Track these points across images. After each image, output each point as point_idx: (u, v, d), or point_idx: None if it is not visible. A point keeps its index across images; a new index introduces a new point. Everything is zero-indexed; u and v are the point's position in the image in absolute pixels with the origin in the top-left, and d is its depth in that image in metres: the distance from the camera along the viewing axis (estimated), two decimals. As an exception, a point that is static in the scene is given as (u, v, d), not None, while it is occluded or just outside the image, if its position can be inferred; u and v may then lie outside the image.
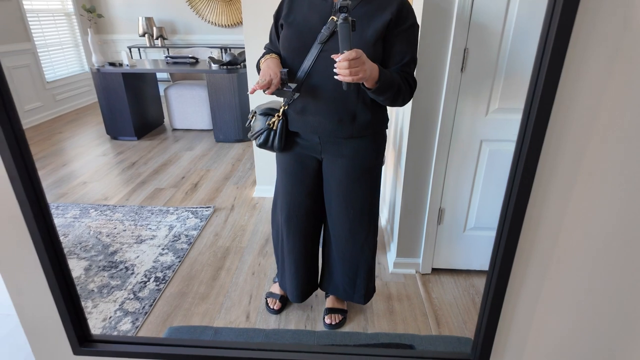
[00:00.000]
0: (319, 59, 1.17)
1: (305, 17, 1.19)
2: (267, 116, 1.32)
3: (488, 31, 1.46)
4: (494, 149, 1.66)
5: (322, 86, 1.20)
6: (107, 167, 3.25)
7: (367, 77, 1.03)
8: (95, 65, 3.62)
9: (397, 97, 1.15)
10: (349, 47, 0.98)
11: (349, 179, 1.33)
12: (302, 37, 1.18)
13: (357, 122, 1.24)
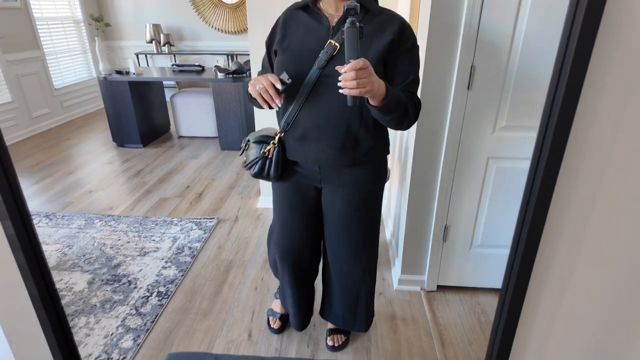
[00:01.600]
0: (317, 84, 1.11)
1: (301, 41, 1.13)
2: (261, 144, 1.24)
3: (495, 48, 1.43)
4: (501, 167, 1.63)
5: (322, 112, 1.13)
6: (112, 175, 3.27)
7: (374, 90, 0.94)
8: (103, 74, 3.64)
9: (404, 117, 1.08)
10: (357, 55, 0.89)
11: (351, 208, 1.28)
12: (299, 62, 1.11)
13: (360, 148, 1.18)
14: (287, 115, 1.17)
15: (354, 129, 1.15)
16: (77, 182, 3.13)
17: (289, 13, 1.19)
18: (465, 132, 1.58)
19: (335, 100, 1.09)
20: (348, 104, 0.94)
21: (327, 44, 1.09)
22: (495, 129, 1.57)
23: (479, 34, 1.41)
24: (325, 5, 1.14)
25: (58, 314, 0.79)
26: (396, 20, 1.10)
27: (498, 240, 1.78)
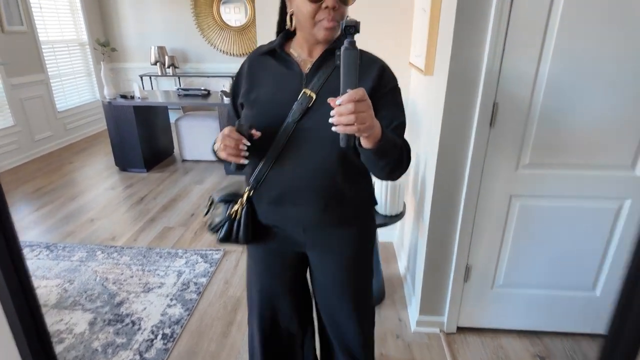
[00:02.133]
0: (292, 139, 0.96)
1: (271, 92, 0.98)
2: (228, 203, 1.05)
3: (518, 85, 1.38)
4: (525, 205, 1.56)
5: (301, 170, 0.97)
6: (115, 201, 3.19)
7: (374, 127, 0.78)
8: (107, 98, 3.61)
9: (399, 163, 0.93)
10: (355, 84, 0.73)
11: (344, 272, 1.12)
12: (270, 118, 0.96)
13: (347, 204, 1.03)
14: (256, 172, 1.00)
15: (338, 183, 0.99)
16: (79, 210, 3.06)
17: (253, 59, 1.04)
18: (487, 169, 1.52)
19: (316, 154, 0.96)
20: (341, 144, 0.79)
21: (301, 94, 0.95)
22: (518, 166, 1.51)
23: (501, 71, 1.37)
24: (296, 49, 1.01)
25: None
26: (375, 64, 1.00)
27: (521, 279, 1.69)
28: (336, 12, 0.88)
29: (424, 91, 1.79)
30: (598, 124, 1.40)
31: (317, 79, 0.95)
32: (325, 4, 0.86)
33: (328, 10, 0.87)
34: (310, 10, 0.88)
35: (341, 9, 0.89)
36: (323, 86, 0.95)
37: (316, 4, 0.87)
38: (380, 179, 0.99)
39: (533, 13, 1.28)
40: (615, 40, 1.29)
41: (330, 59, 0.96)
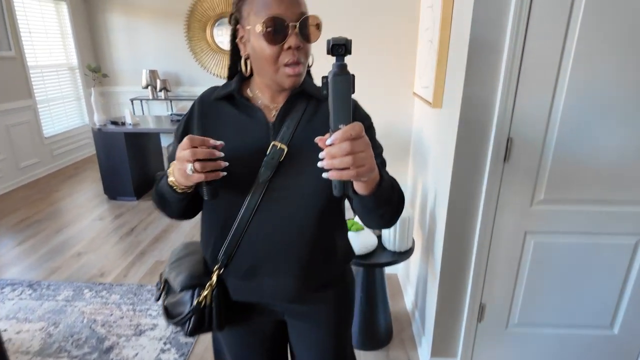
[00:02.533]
0: (264, 202, 0.82)
1: (233, 148, 0.80)
2: (192, 289, 0.86)
3: (533, 121, 1.34)
4: (540, 242, 1.50)
5: (275, 236, 0.83)
6: (104, 233, 3.05)
7: (374, 169, 0.65)
8: (97, 125, 3.50)
9: (398, 207, 0.80)
10: (349, 117, 0.59)
11: (327, 338, 0.99)
12: (236, 179, 0.80)
13: (327, 266, 0.91)
14: (226, 244, 0.85)
15: (319, 245, 0.87)
16: (65, 243, 2.91)
17: (206, 104, 0.86)
18: (501, 205, 1.46)
19: (293, 216, 0.83)
20: (335, 193, 0.64)
21: (270, 147, 0.81)
22: (532, 202, 1.45)
23: (515, 106, 1.33)
24: (257, 93, 0.86)
25: None
26: None
27: (537, 318, 1.62)
28: (300, 52, 0.76)
29: (431, 122, 1.75)
30: (613, 159, 1.36)
31: (287, 127, 0.82)
32: (287, 44, 0.74)
33: (291, 51, 0.75)
34: (271, 54, 0.75)
35: (305, 47, 0.78)
36: (294, 136, 0.82)
37: (277, 45, 0.74)
38: (370, 228, 0.86)
39: (546, 50, 1.25)
40: (630, 76, 1.26)
41: (298, 102, 0.85)
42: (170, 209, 0.86)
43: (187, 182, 0.73)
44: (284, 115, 0.84)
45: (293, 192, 0.81)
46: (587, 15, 1.20)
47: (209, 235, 0.89)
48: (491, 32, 1.25)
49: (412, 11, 1.89)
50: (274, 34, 0.73)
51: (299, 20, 0.74)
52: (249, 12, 0.76)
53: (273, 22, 0.73)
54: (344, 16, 1.92)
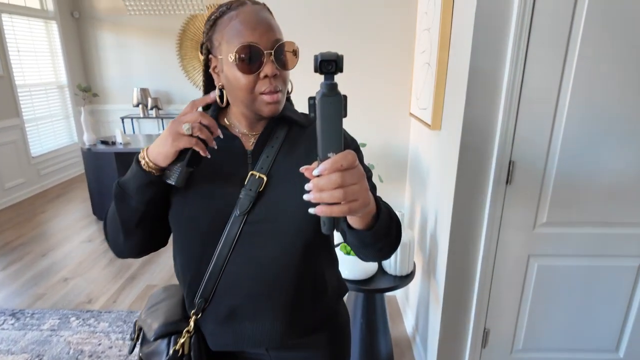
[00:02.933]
0: (242, 237, 0.75)
1: (208, 178, 0.76)
2: (168, 337, 0.79)
3: (534, 144, 1.33)
4: (543, 265, 1.48)
5: (256, 274, 0.76)
6: (92, 257, 2.95)
7: (369, 203, 0.56)
8: (87, 144, 3.44)
9: (397, 238, 0.73)
10: (340, 144, 0.51)
11: None
12: (211, 212, 0.75)
13: (316, 307, 0.83)
14: (202, 287, 0.77)
15: (306, 283, 0.79)
16: (51, 267, 2.80)
17: None
18: (504, 228, 1.44)
19: (274, 252, 0.75)
20: (324, 230, 0.55)
21: (248, 177, 0.76)
22: (535, 224, 1.44)
23: (516, 129, 1.32)
24: (234, 119, 0.80)
25: None
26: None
27: (541, 343, 1.58)
28: (277, 80, 0.72)
29: (429, 144, 1.74)
30: (615, 181, 1.36)
31: (266, 155, 0.77)
32: (262, 73, 0.70)
33: (268, 79, 0.71)
34: (246, 83, 0.71)
35: (283, 74, 0.73)
36: (274, 165, 0.77)
37: (252, 75, 0.70)
38: (366, 261, 0.78)
39: (546, 74, 1.25)
40: (629, 97, 1.27)
41: (278, 129, 0.80)
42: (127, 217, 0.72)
43: (170, 147, 0.66)
44: (263, 142, 0.79)
45: (275, 226, 0.75)
46: (585, 40, 1.21)
47: (183, 275, 0.81)
48: (491, 59, 1.25)
49: (408, 33, 1.91)
50: (249, 63, 0.69)
51: (274, 48, 0.70)
52: (220, 41, 0.72)
53: (246, 50, 0.69)
54: (337, 34, 1.92)
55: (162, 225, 0.79)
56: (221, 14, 0.73)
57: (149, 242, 0.79)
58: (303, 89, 0.84)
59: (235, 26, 0.70)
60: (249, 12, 0.71)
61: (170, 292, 0.91)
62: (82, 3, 4.94)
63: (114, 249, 0.80)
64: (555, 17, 1.20)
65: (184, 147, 0.66)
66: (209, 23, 0.75)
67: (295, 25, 1.90)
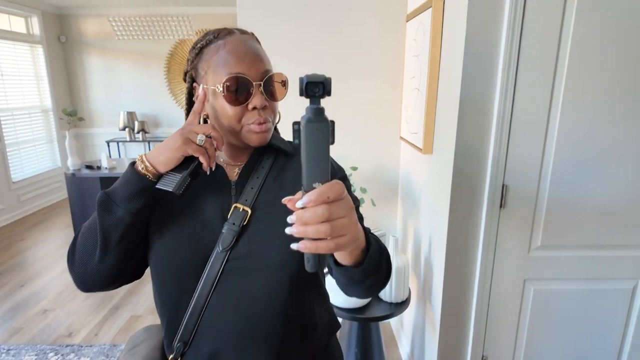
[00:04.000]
0: (225, 274, 0.70)
1: (188, 211, 0.72)
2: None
3: (526, 168, 1.34)
4: (539, 289, 1.47)
5: (240, 314, 0.71)
6: (73, 286, 2.83)
7: (358, 238, 0.51)
8: (71, 169, 3.35)
9: (387, 273, 0.69)
10: (327, 174, 0.47)
11: None
12: (191, 248, 0.70)
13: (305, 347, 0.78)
14: (181, 329, 0.72)
15: (295, 323, 0.74)
16: (29, 298, 2.67)
17: None
18: (500, 253, 1.43)
19: (259, 290, 0.71)
20: (307, 268, 0.49)
21: (231, 210, 0.72)
22: (530, 248, 1.43)
23: (508, 153, 1.33)
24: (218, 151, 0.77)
25: None
26: None
27: (540, 369, 1.55)
28: (266, 111, 0.71)
29: (421, 168, 1.74)
30: (607, 204, 1.37)
31: (250, 187, 0.74)
32: (251, 104, 0.68)
33: (256, 111, 0.69)
34: (234, 114, 0.69)
35: (271, 106, 0.72)
36: (259, 196, 0.74)
37: (240, 106, 0.68)
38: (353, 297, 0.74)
39: (536, 100, 1.28)
40: (617, 121, 1.30)
41: (263, 158, 0.77)
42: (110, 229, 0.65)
43: (177, 151, 0.64)
44: (247, 173, 0.75)
45: (259, 262, 0.70)
46: (572, 67, 1.24)
47: (162, 315, 0.75)
48: (481, 86, 1.27)
49: (397, 58, 1.94)
50: (236, 94, 0.67)
51: (263, 79, 0.69)
52: (206, 70, 0.70)
53: (234, 81, 0.67)
54: (326, 58, 1.94)
55: (139, 252, 0.73)
56: (208, 42, 0.71)
57: (123, 269, 0.71)
58: (288, 113, 0.82)
59: (222, 56, 0.68)
60: (237, 41, 0.70)
61: (150, 332, 0.85)
62: (69, 28, 4.94)
63: (81, 277, 0.69)
64: (542, 45, 1.23)
65: (192, 154, 0.64)
66: (195, 51, 0.73)
67: (283, 51, 1.91)
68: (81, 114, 5.15)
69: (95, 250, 0.67)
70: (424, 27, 1.57)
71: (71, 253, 0.70)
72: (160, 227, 0.71)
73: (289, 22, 1.89)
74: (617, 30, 1.21)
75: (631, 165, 1.33)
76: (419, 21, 1.63)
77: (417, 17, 1.66)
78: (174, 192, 0.64)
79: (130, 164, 0.67)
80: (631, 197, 1.36)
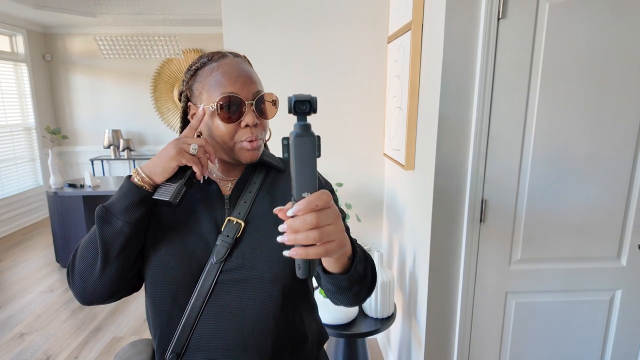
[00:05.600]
0: (218, 286, 0.72)
1: (182, 225, 0.74)
2: None
3: (504, 183, 1.39)
4: (521, 302, 1.50)
5: (234, 325, 0.72)
6: (53, 308, 2.75)
7: (345, 244, 0.54)
8: (53, 187, 3.30)
9: (373, 281, 0.72)
10: (314, 184, 0.51)
11: None
12: (186, 260, 0.72)
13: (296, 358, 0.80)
14: (174, 341, 0.74)
15: (286, 333, 0.76)
16: (6, 322, 2.57)
17: None
18: (481, 267, 1.46)
19: (253, 301, 0.73)
20: (299, 275, 0.53)
21: (225, 223, 0.74)
22: (510, 261, 1.46)
23: (486, 169, 1.38)
24: (211, 166, 0.82)
25: None
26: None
27: (525, 383, 1.57)
28: (257, 129, 0.75)
29: (404, 184, 1.78)
30: (582, 217, 1.42)
31: (243, 201, 0.77)
32: (243, 122, 0.72)
33: (248, 129, 0.73)
34: (227, 132, 0.73)
35: (263, 123, 0.76)
36: (251, 210, 0.77)
37: (233, 124, 0.72)
38: (341, 305, 0.76)
39: (511, 117, 1.33)
40: (587, 138, 1.36)
41: (255, 173, 0.82)
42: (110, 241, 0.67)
43: (172, 161, 0.67)
44: (240, 187, 0.79)
45: (252, 274, 0.73)
46: (544, 87, 1.31)
47: (154, 327, 0.76)
48: (458, 105, 1.32)
49: (379, 78, 2.00)
50: (229, 112, 0.71)
51: (254, 99, 0.73)
52: (201, 90, 0.75)
53: (228, 100, 0.71)
54: (312, 79, 1.98)
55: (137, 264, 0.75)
56: (202, 64, 0.76)
57: (122, 281, 0.72)
58: (277, 131, 0.85)
59: (216, 77, 0.73)
60: (230, 64, 0.74)
61: (137, 348, 0.85)
62: (54, 46, 4.93)
63: (81, 291, 0.70)
64: (515, 66, 1.29)
65: (186, 163, 0.67)
66: (190, 73, 0.78)
67: (268, 73, 1.96)
68: (65, 132, 5.09)
69: (96, 264, 0.68)
70: (404, 49, 1.63)
71: (71, 268, 0.72)
72: (155, 241, 0.73)
73: (274, 45, 1.94)
74: (585, 50, 1.29)
75: (603, 179, 1.39)
76: (400, 43, 1.70)
77: (398, 39, 1.73)
78: (171, 201, 0.67)
79: (127, 177, 0.69)
80: (604, 210, 1.42)
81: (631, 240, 1.45)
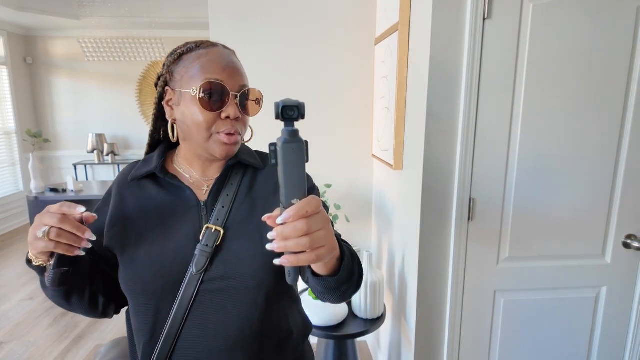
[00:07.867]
0: (199, 297, 0.69)
1: (158, 237, 0.71)
2: None
3: (491, 180, 1.40)
4: (509, 300, 1.51)
5: (216, 334, 0.70)
6: (33, 316, 2.66)
7: (335, 249, 0.53)
8: (34, 192, 3.21)
9: (359, 279, 0.69)
10: (303, 190, 0.50)
11: None
12: (164, 274, 0.69)
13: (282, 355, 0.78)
14: (157, 351, 0.71)
15: (271, 334, 0.74)
16: (-17, 331, 2.48)
17: (123, 188, 0.75)
18: (470, 265, 1.47)
19: (236, 309, 0.71)
20: (289, 281, 0.53)
21: (203, 231, 0.71)
22: (499, 260, 1.47)
23: (474, 168, 1.39)
24: (182, 165, 0.77)
25: None
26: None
27: (514, 381, 1.57)
28: (239, 123, 0.71)
29: (392, 184, 1.78)
30: (568, 215, 1.44)
31: (221, 205, 0.73)
32: (224, 113, 0.69)
33: (229, 121, 0.69)
34: (205, 120, 0.68)
35: (244, 119, 0.72)
36: (230, 215, 0.73)
37: (214, 113, 0.69)
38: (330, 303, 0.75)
39: (497, 116, 1.35)
40: (571, 136, 1.38)
41: (232, 174, 0.77)
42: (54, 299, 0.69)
43: (32, 250, 0.59)
44: (217, 191, 0.74)
45: (234, 282, 0.69)
46: (529, 85, 1.33)
47: (137, 339, 0.74)
48: (446, 104, 1.33)
49: (367, 79, 2.01)
50: (211, 99, 0.68)
51: (240, 91, 0.70)
52: (183, 75, 0.71)
53: (211, 86, 0.67)
54: (298, 80, 1.98)
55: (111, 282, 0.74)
56: (189, 50, 0.73)
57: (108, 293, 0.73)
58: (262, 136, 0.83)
59: (203, 62, 0.70)
60: (221, 53, 0.72)
61: (121, 347, 0.84)
62: (36, 49, 4.83)
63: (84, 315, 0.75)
64: (501, 66, 1.31)
65: (43, 251, 0.58)
66: (173, 56, 0.74)
67: (255, 75, 1.95)
68: (47, 136, 4.98)
69: (65, 304, 0.70)
70: (391, 50, 1.64)
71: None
72: (132, 255, 0.70)
73: (262, 47, 1.93)
74: (569, 50, 1.31)
75: (587, 178, 1.42)
76: (387, 44, 1.71)
77: (385, 40, 1.74)
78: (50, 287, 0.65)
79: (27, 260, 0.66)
80: (589, 208, 1.44)
81: (615, 237, 1.47)
